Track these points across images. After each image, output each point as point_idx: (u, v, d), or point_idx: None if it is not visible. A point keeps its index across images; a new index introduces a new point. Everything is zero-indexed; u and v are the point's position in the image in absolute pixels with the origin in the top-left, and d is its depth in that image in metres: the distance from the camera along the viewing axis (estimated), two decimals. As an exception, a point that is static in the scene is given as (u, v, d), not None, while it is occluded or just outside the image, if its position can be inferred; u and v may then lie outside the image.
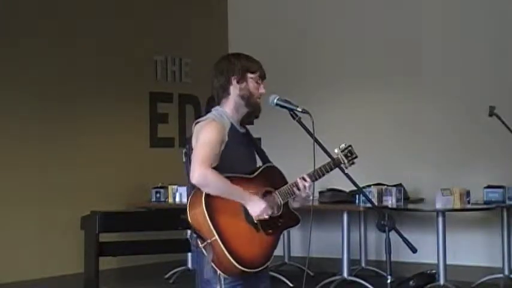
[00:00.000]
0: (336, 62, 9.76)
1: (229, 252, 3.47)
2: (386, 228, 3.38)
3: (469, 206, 7.94)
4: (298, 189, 3.76)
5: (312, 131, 3.57)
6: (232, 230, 3.53)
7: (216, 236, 3.46)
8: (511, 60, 8.68)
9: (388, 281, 3.42)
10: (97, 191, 8.90)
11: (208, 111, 3.84)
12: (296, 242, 9.56)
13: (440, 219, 7.74)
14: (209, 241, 3.48)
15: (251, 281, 3.67)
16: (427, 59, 9.15)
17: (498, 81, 8.72)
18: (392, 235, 3.38)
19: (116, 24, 9.29)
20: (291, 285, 8.36)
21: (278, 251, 10.73)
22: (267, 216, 3.62)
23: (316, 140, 3.59)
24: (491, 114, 6.41)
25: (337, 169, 3.61)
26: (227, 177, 3.57)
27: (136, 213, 8.27)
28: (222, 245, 3.46)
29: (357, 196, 8.12)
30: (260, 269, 3.61)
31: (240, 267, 3.50)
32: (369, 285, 7.94)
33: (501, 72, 8.73)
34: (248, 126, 3.95)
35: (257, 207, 3.60)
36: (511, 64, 8.67)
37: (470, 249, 8.67)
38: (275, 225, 3.69)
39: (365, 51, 9.54)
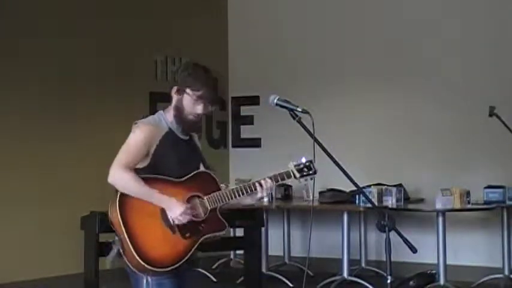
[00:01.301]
0: (336, 62, 9.75)
1: (135, 249, 3.61)
2: (387, 228, 3.38)
3: (469, 206, 7.95)
4: (261, 186, 3.86)
5: (312, 131, 3.57)
6: (142, 228, 3.66)
7: (124, 234, 3.62)
8: (511, 60, 8.68)
9: (388, 281, 3.42)
10: (97, 191, 8.85)
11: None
12: (296, 242, 9.56)
13: (440, 219, 7.74)
14: (118, 238, 3.65)
15: (178, 280, 3.80)
16: (427, 59, 9.14)
17: (498, 81, 8.72)
18: (393, 235, 3.38)
19: (116, 24, 9.29)
20: (291, 285, 8.37)
21: (278, 251, 10.73)
22: (184, 221, 3.70)
23: (316, 140, 3.58)
24: (491, 114, 6.42)
25: (337, 169, 3.59)
26: (150, 178, 3.71)
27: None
28: (128, 242, 3.61)
29: (357, 196, 8.12)
30: (169, 269, 3.69)
31: (144, 264, 3.63)
32: (369, 285, 7.94)
33: (501, 72, 8.74)
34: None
35: (175, 211, 3.70)
36: (511, 64, 8.68)
37: (470, 249, 8.67)
38: (196, 229, 3.76)
39: (365, 51, 9.54)
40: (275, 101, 3.71)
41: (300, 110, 3.63)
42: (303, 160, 3.95)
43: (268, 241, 8.71)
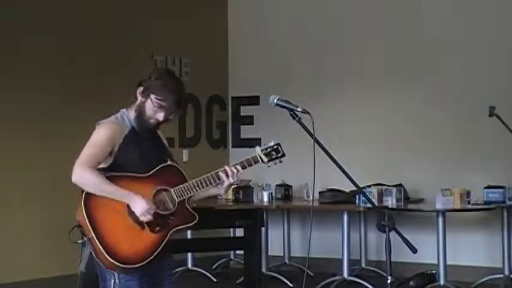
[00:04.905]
0: (336, 62, 9.75)
1: (104, 249, 3.62)
2: (387, 229, 3.38)
3: (469, 206, 7.95)
4: (226, 174, 3.85)
5: (312, 131, 3.57)
6: (110, 226, 3.66)
7: (92, 233, 3.62)
8: (510, 60, 8.68)
9: (388, 281, 3.42)
10: (97, 191, 8.88)
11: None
12: (296, 242, 9.56)
13: (440, 219, 7.74)
14: (87, 238, 3.67)
15: (149, 279, 3.79)
16: (427, 59, 9.14)
17: (498, 81, 8.72)
18: (393, 235, 3.38)
19: (116, 24, 9.29)
20: (291, 285, 8.36)
21: (278, 251, 10.74)
22: (150, 216, 3.69)
23: (316, 140, 3.58)
24: (491, 114, 6.43)
25: (337, 169, 3.59)
26: (116, 176, 3.72)
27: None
28: (97, 242, 3.62)
29: (357, 196, 8.12)
30: (140, 264, 3.68)
31: (116, 263, 3.63)
32: (369, 286, 7.94)
33: (501, 72, 8.74)
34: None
35: (139, 207, 3.69)
36: (511, 64, 8.68)
37: (471, 249, 8.67)
38: (165, 222, 3.76)
39: (365, 51, 9.53)
40: (275, 101, 3.71)
41: (300, 110, 3.63)
42: (271, 144, 3.98)
43: (268, 241, 8.71)
